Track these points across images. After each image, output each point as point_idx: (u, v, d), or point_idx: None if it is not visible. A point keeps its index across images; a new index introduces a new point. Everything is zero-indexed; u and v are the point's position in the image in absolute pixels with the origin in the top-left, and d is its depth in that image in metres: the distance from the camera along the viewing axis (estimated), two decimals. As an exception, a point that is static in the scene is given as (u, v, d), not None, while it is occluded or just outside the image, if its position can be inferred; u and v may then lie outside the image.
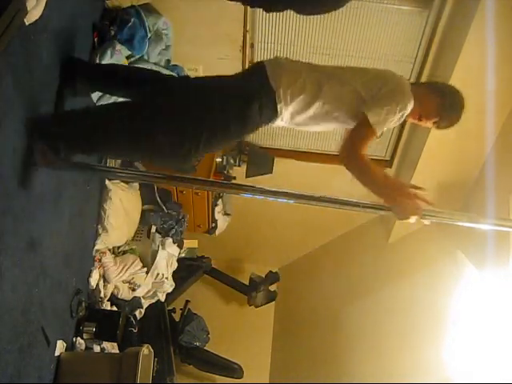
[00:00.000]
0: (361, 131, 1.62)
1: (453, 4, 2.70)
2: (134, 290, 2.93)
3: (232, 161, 3.51)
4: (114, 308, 2.78)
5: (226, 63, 3.05)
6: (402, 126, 3.33)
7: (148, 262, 3.01)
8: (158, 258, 3.04)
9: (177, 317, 3.77)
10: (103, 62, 2.36)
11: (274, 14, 2.84)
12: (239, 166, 3.55)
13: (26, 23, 1.52)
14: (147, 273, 2.98)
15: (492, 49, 2.53)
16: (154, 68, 2.64)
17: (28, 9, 1.45)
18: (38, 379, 1.99)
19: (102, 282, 2.69)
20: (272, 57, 1.79)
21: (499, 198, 2.77)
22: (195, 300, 4.01)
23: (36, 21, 1.63)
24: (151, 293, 3.13)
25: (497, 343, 2.42)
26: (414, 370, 2.86)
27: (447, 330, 2.75)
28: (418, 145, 3.17)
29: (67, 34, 2.05)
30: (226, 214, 3.83)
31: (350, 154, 1.62)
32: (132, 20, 2.50)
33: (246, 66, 3.06)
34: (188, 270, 4.01)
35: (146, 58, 2.65)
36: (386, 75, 1.73)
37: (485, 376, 2.42)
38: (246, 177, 3.47)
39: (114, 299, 2.82)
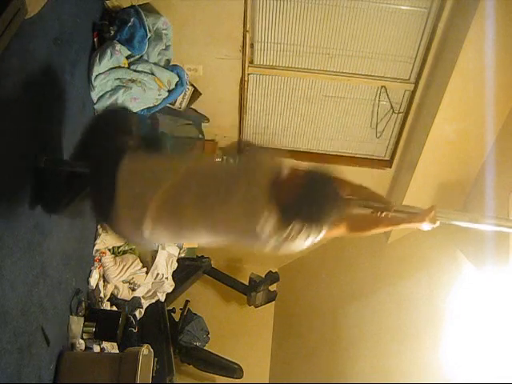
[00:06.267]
0: None
1: (452, 4, 2.69)
2: (133, 289, 2.94)
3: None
4: (114, 308, 2.78)
5: (225, 63, 3.05)
6: (402, 125, 3.33)
7: (148, 262, 3.01)
8: (157, 257, 3.04)
9: (177, 317, 3.77)
10: (103, 62, 2.36)
11: (274, 14, 2.85)
12: (239, 166, 3.55)
13: (27, 16, 1.51)
14: (147, 273, 2.98)
15: (491, 49, 2.53)
16: (154, 68, 2.64)
17: (27, 4, 1.44)
18: (38, 379, 1.99)
19: (101, 282, 2.69)
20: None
21: (499, 198, 2.77)
22: (195, 300, 4.01)
23: (36, 21, 1.64)
24: (151, 293, 3.14)
25: (496, 342, 2.42)
26: (412, 369, 2.86)
27: (446, 330, 2.76)
28: (418, 145, 3.17)
29: (67, 34, 2.05)
30: (225, 213, 3.83)
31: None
32: (132, 20, 2.50)
33: (246, 66, 3.06)
34: (188, 270, 4.01)
35: (145, 58, 2.66)
36: None
37: (483, 375, 2.42)
38: (246, 177, 3.46)
39: (113, 299, 2.82)
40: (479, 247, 2.70)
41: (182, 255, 3.68)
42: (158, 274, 3.06)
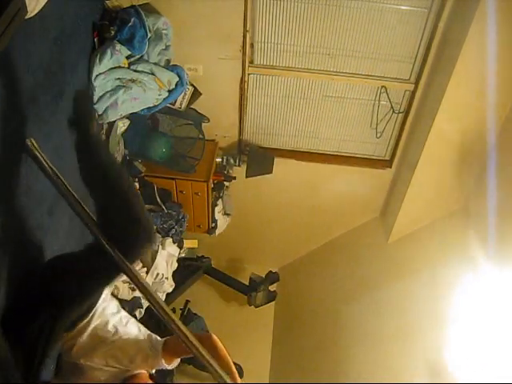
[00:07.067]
0: None
1: (452, 4, 2.70)
2: (133, 289, 2.93)
3: (232, 161, 3.52)
4: (114, 308, 2.78)
5: (226, 63, 3.05)
6: (402, 125, 3.34)
7: (148, 262, 3.01)
8: (157, 257, 3.04)
9: (177, 317, 3.76)
10: (103, 62, 2.37)
11: (274, 13, 2.85)
12: (239, 166, 3.55)
13: (27, 16, 1.51)
14: (147, 273, 2.98)
15: (491, 48, 2.53)
16: (154, 68, 2.64)
17: (27, 4, 1.44)
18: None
19: (101, 282, 2.69)
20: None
21: (499, 198, 2.77)
22: (195, 300, 4.01)
23: (36, 21, 1.64)
24: (151, 293, 3.13)
25: (498, 342, 2.42)
26: (413, 369, 2.86)
27: (447, 330, 2.75)
28: (418, 145, 3.17)
29: (67, 34, 2.05)
30: (225, 214, 3.83)
31: None
32: (132, 20, 2.50)
33: (246, 66, 3.06)
34: (188, 270, 4.01)
35: (145, 58, 2.66)
36: None
37: (486, 376, 2.42)
38: (246, 177, 3.47)
39: (113, 299, 2.82)
40: (480, 247, 2.70)
41: (182, 255, 3.68)
42: (158, 274, 3.06)
